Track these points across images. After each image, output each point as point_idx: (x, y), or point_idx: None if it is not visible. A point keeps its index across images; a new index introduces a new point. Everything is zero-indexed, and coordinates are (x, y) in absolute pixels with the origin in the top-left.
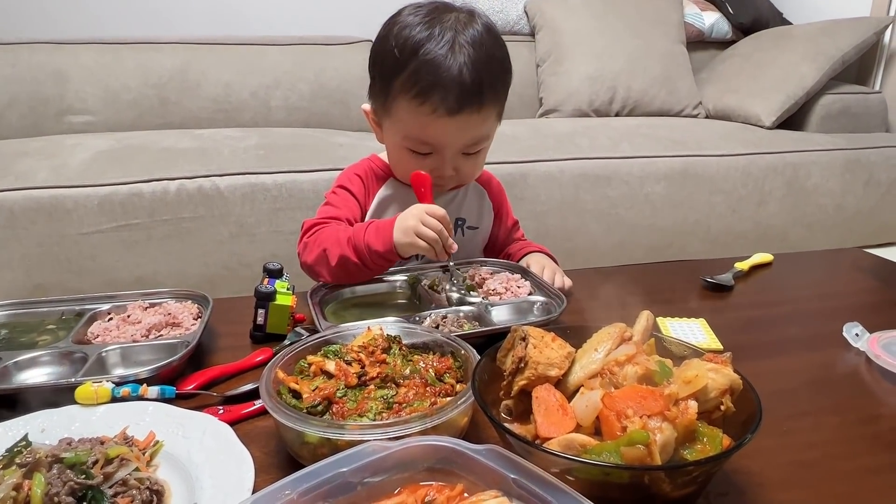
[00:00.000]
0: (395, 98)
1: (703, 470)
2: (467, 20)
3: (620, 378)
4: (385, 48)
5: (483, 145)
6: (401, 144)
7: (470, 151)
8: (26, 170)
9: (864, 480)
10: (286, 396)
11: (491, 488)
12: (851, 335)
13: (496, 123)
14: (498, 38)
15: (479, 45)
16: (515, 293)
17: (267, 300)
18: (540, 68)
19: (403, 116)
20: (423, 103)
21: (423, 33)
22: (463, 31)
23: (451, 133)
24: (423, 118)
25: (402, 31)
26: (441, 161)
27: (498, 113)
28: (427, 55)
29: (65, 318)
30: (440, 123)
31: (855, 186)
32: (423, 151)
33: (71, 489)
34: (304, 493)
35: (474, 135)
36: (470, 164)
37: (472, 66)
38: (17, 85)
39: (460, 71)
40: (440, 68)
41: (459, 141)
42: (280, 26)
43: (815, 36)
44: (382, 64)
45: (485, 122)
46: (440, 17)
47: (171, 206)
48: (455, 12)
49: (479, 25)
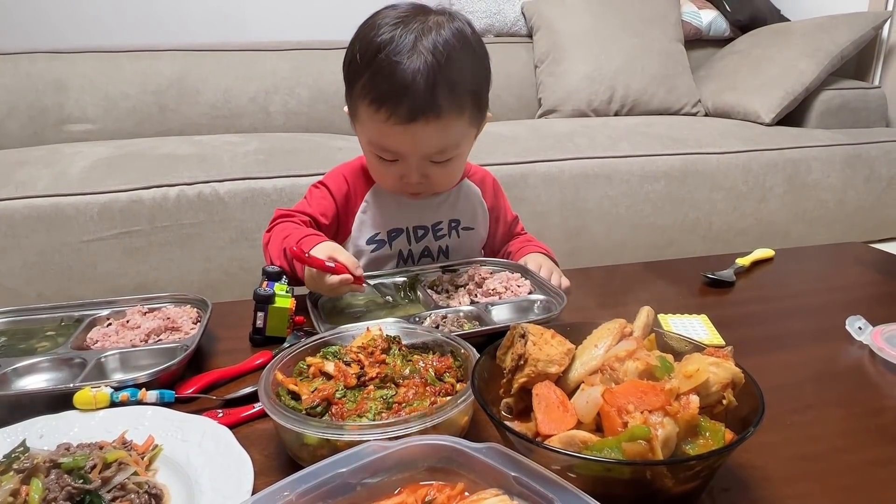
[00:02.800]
0: (356, 103)
1: (705, 464)
2: (438, 23)
3: (621, 374)
4: (352, 51)
5: (452, 153)
6: (368, 149)
7: (437, 160)
8: (26, 179)
9: (869, 473)
10: (285, 398)
11: (492, 487)
12: (854, 329)
13: (471, 130)
14: (468, 41)
15: (440, 50)
16: (515, 292)
17: (266, 303)
18: (538, 69)
19: (365, 122)
20: (377, 111)
21: (386, 36)
22: (427, 35)
23: (409, 142)
24: (381, 125)
25: (368, 34)
26: (407, 168)
27: (468, 119)
28: (382, 61)
29: (64, 325)
30: (397, 131)
31: (856, 182)
32: (388, 158)
33: (68, 494)
34: (302, 494)
35: (436, 144)
36: (441, 172)
37: (428, 72)
38: (16, 94)
39: (413, 77)
40: (394, 75)
41: (419, 150)
42: (278, 32)
43: (813, 32)
44: (348, 67)
45: (446, 129)
46: (409, 20)
47: (172, 213)
48: (433, 15)
49: (449, 29)
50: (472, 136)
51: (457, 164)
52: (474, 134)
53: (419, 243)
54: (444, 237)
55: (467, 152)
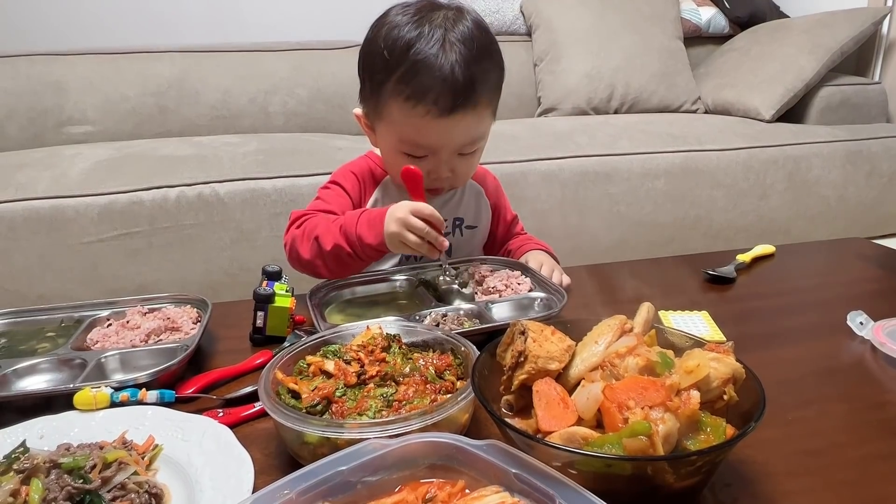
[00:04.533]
0: (386, 101)
1: (706, 460)
2: (456, 17)
3: (621, 370)
4: (374, 50)
5: (479, 145)
6: (396, 148)
7: (466, 152)
8: (26, 181)
9: (871, 467)
10: (285, 397)
11: (492, 484)
12: (856, 324)
13: (491, 121)
14: (488, 33)
15: (470, 41)
16: (516, 290)
17: (266, 303)
18: (537, 67)
19: (397, 119)
20: (416, 105)
21: (413, 32)
22: (452, 29)
23: (447, 134)
24: (417, 120)
25: (392, 32)
26: (437, 163)
27: (493, 110)
28: (417, 55)
29: (64, 326)
30: (435, 125)
31: (857, 178)
32: (419, 154)
33: (68, 494)
34: (302, 493)
35: (470, 134)
36: (465, 165)
37: (464, 64)
38: (15, 97)
39: (452, 69)
40: (432, 68)
41: (455, 141)
42: (277, 32)
43: (812, 28)
44: (372, 66)
45: (481, 120)
46: (429, 16)
47: (172, 214)
48: (443, 10)
49: (468, 21)
50: (491, 127)
51: (478, 156)
52: (491, 125)
53: None
54: (448, 235)
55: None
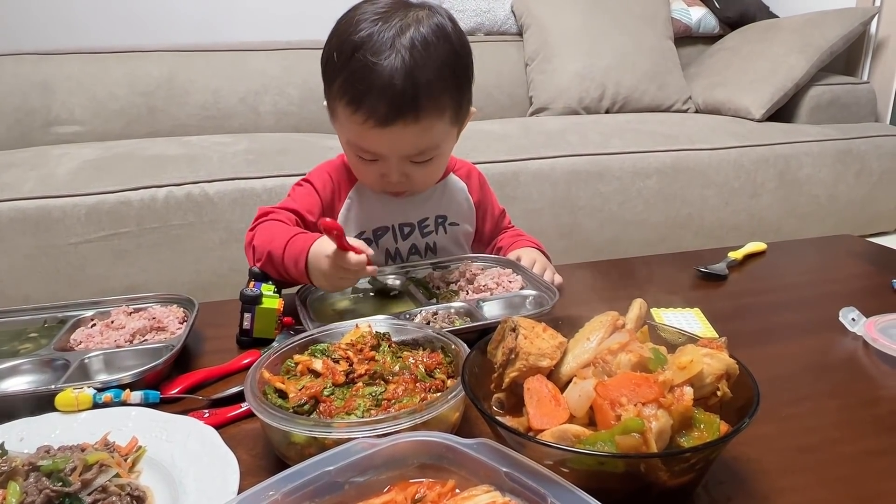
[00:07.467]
0: (334, 103)
1: (700, 457)
2: (418, 19)
3: (614, 366)
4: (329, 48)
5: (432, 154)
6: (347, 148)
7: (417, 160)
8: (12, 181)
9: (865, 463)
10: (272, 397)
11: (483, 483)
12: (848, 320)
13: (452, 129)
14: (449, 37)
15: (421, 48)
16: (507, 288)
17: (253, 304)
18: (529, 67)
19: (343, 122)
20: (354, 112)
21: (364, 33)
22: (406, 32)
23: (389, 143)
24: (358, 127)
25: (347, 29)
26: (388, 167)
27: (450, 118)
28: (359, 60)
29: (47, 326)
30: (375, 133)
31: (847, 176)
32: (367, 158)
33: (47, 497)
34: (288, 494)
35: (415, 144)
36: (421, 172)
37: (407, 72)
38: (2, 96)
39: (391, 77)
40: (371, 74)
41: (399, 151)
42: (267, 31)
43: (802, 27)
44: (325, 65)
45: (426, 131)
46: (390, 16)
47: (160, 214)
48: (413, 10)
49: (430, 25)
50: (455, 134)
51: (438, 163)
52: (456, 132)
53: (406, 241)
54: (431, 233)
55: (449, 151)
